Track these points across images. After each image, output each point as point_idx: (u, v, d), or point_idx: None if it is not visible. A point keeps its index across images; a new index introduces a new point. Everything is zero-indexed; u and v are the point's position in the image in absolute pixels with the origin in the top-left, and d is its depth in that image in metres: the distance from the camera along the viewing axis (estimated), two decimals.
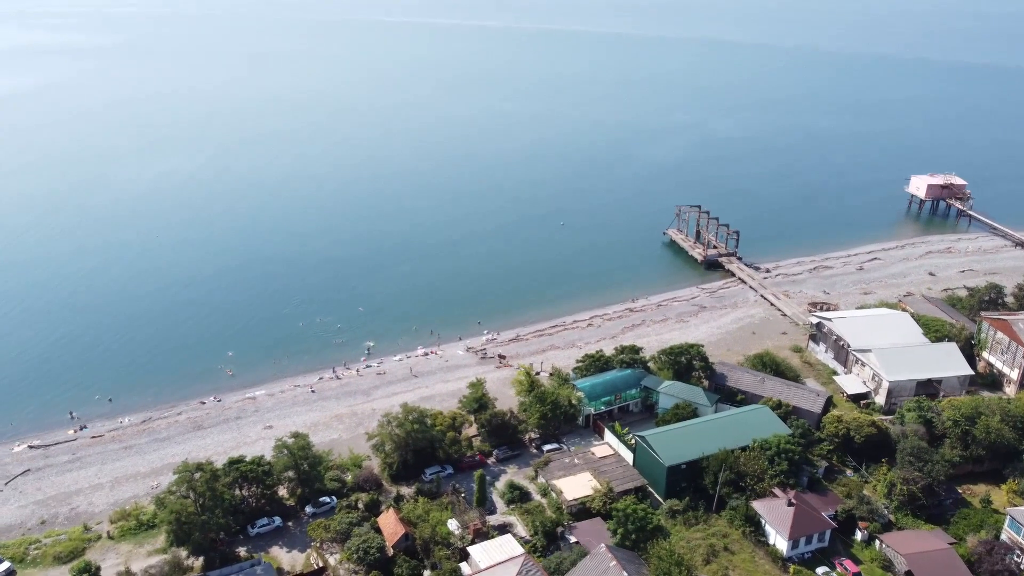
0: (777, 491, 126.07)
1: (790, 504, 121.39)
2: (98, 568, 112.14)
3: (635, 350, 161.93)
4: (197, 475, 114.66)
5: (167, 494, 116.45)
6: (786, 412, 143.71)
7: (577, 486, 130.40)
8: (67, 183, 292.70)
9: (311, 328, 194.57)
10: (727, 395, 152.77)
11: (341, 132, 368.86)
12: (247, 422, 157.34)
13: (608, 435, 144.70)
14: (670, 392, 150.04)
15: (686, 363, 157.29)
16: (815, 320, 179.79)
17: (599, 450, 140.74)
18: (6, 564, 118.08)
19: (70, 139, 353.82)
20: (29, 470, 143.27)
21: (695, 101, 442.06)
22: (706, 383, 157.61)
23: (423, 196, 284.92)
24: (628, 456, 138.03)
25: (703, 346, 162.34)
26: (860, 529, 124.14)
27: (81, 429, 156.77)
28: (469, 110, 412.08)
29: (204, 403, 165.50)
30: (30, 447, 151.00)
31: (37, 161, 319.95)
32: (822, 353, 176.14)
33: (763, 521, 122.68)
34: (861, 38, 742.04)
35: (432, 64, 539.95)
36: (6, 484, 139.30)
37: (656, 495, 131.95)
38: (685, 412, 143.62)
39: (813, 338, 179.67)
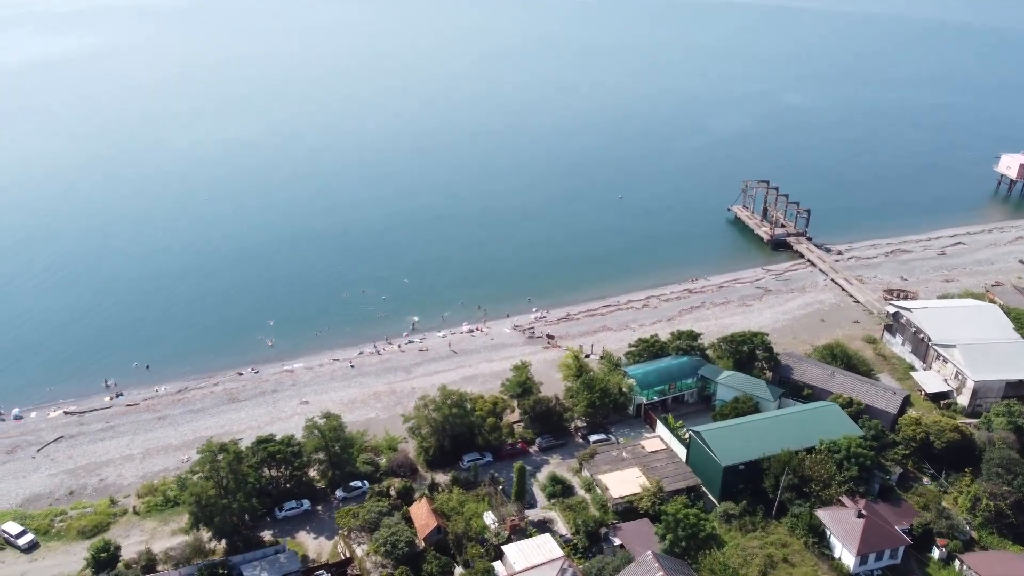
0: (845, 499, 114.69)
1: (860, 515, 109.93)
2: (118, 548, 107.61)
3: (693, 336, 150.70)
4: (220, 456, 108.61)
5: (188, 474, 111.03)
6: (857, 411, 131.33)
7: (624, 482, 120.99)
8: (128, 147, 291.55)
9: (355, 299, 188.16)
10: (792, 389, 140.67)
11: (396, 102, 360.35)
12: (283, 396, 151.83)
13: (660, 427, 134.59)
14: (730, 384, 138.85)
15: (748, 352, 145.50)
16: (892, 309, 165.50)
17: (649, 444, 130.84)
18: (30, 536, 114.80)
19: (134, 103, 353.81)
20: (62, 437, 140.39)
21: (765, 70, 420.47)
22: (769, 375, 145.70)
23: (477, 166, 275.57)
24: (681, 452, 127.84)
25: (768, 335, 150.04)
26: (938, 547, 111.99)
27: (117, 397, 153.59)
28: (525, 77, 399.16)
29: (241, 374, 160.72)
30: (66, 413, 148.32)
31: (102, 125, 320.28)
32: (898, 346, 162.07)
33: (828, 532, 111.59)
34: (947, 4, 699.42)
35: (485, 31, 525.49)
36: (39, 451, 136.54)
37: (710, 496, 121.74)
38: (745, 406, 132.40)
39: (889, 329, 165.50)
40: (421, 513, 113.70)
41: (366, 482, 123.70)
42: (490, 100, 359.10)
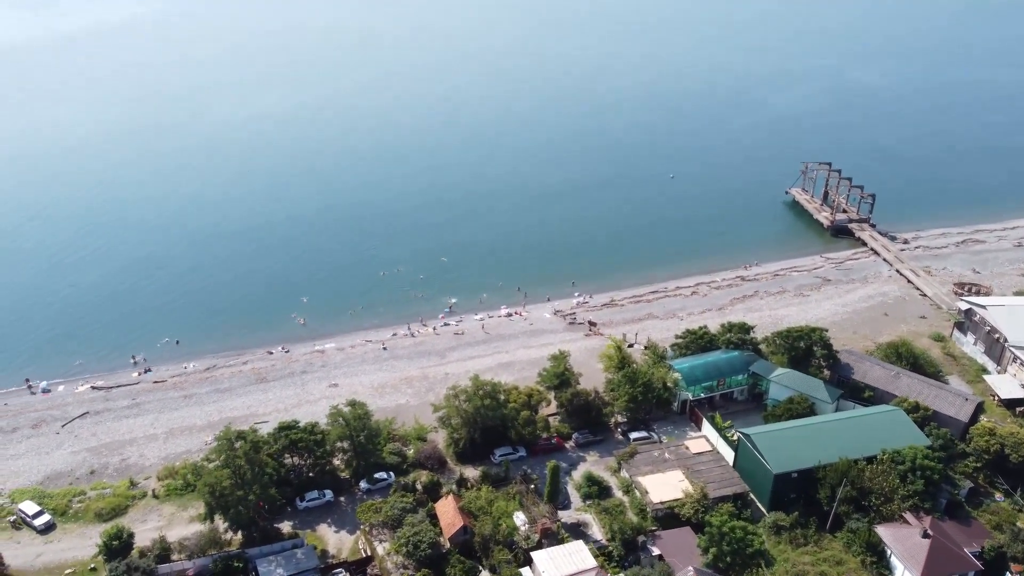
0: (909, 516, 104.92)
1: (925, 535, 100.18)
2: (131, 535, 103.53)
3: (745, 329, 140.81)
4: (238, 444, 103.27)
5: (204, 462, 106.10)
6: (924, 417, 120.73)
7: (666, 486, 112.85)
8: (172, 118, 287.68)
9: (392, 278, 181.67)
10: (852, 391, 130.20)
11: (441, 76, 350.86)
12: (312, 378, 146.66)
13: (706, 427, 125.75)
14: (784, 382, 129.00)
15: (805, 349, 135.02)
16: (963, 305, 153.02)
17: (694, 444, 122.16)
18: (46, 516, 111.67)
19: (184, 73, 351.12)
20: (88, 413, 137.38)
21: (828, 44, 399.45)
22: (827, 374, 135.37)
23: (522, 141, 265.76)
24: (728, 455, 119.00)
25: (827, 331, 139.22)
26: (1012, 573, 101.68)
27: (145, 372, 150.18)
28: (571, 50, 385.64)
29: (271, 353, 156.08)
30: (93, 388, 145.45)
31: (148, 95, 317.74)
32: (969, 345, 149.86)
33: (888, 551, 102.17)
34: None
35: (529, 4, 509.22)
36: (63, 426, 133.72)
37: (759, 505, 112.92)
38: (800, 408, 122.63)
39: (959, 326, 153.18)
40: (447, 511, 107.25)
41: (392, 474, 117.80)
42: (535, 74, 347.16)
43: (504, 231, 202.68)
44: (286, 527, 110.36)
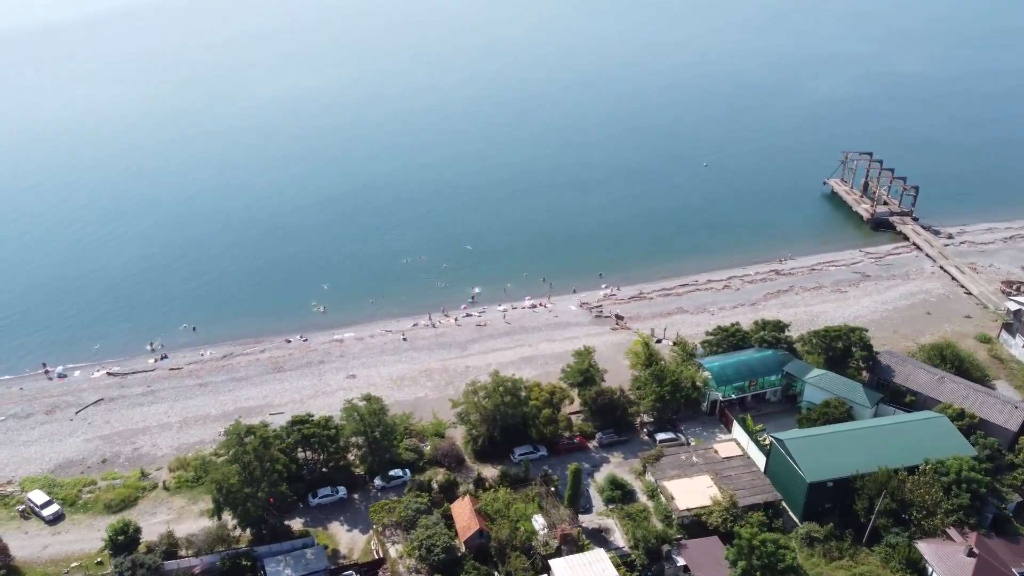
0: (952, 532, 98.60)
1: (971, 553, 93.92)
2: (138, 529, 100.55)
3: (779, 327, 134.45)
4: (247, 439, 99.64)
5: (212, 456, 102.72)
6: (970, 425, 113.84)
7: (693, 492, 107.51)
8: (199, 102, 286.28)
9: (415, 267, 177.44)
10: (893, 395, 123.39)
11: (475, 59, 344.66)
12: (330, 368, 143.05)
13: (737, 429, 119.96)
14: (819, 384, 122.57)
15: (843, 349, 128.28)
16: (1012, 305, 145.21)
17: (724, 448, 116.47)
18: (55, 507, 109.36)
19: (219, 54, 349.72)
20: (102, 399, 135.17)
21: (871, 28, 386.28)
22: (866, 376, 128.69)
23: (553, 125, 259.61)
24: (760, 460, 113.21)
25: (866, 330, 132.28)
26: None
27: (161, 359, 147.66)
28: (608, 33, 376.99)
29: (290, 341, 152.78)
30: (109, 374, 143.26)
31: (184, 77, 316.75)
32: (1018, 348, 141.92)
33: (930, 569, 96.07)
34: None
35: None
36: (77, 413, 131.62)
37: (792, 514, 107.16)
38: (837, 412, 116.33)
39: (1007, 327, 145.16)
40: (463, 512, 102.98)
41: (407, 471, 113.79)
42: (570, 56, 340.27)
43: (531, 219, 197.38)
44: (297, 524, 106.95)
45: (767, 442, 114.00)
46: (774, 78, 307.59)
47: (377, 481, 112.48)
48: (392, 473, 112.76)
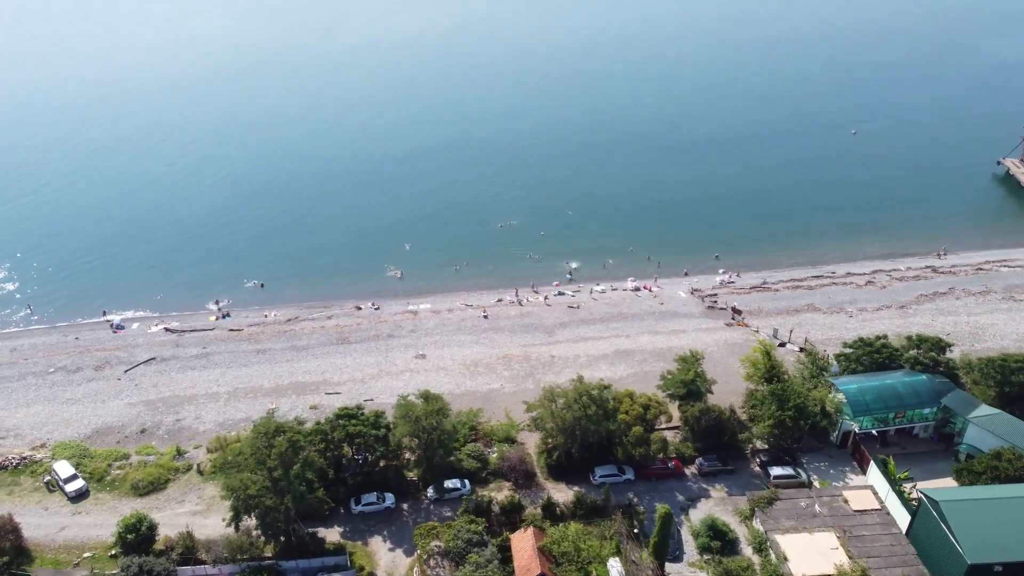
0: None
1: None
2: (151, 527, 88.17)
3: (940, 346, 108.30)
4: (276, 440, 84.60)
5: (232, 456, 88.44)
6: None
7: (813, 554, 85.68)
8: (286, 51, 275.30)
9: (507, 233, 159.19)
10: None
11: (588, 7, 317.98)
12: (398, 344, 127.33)
13: (874, 473, 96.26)
14: (989, 427, 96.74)
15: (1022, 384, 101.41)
16: None
17: (856, 497, 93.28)
18: (80, 482, 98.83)
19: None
20: (154, 359, 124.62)
21: None
22: None
23: (677, 81, 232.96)
24: (902, 519, 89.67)
25: None
26: None
27: (223, 317, 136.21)
28: None
29: (360, 308, 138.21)
30: (167, 329, 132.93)
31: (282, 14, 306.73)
32: None
33: None
34: None
35: None
36: (126, 372, 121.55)
37: None
38: (1013, 468, 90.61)
39: None
40: (524, 549, 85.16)
41: (467, 482, 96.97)
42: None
43: (643, 186, 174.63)
44: (334, 535, 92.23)
45: (913, 496, 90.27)
46: (945, 34, 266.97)
47: (430, 492, 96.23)
48: (449, 484, 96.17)
